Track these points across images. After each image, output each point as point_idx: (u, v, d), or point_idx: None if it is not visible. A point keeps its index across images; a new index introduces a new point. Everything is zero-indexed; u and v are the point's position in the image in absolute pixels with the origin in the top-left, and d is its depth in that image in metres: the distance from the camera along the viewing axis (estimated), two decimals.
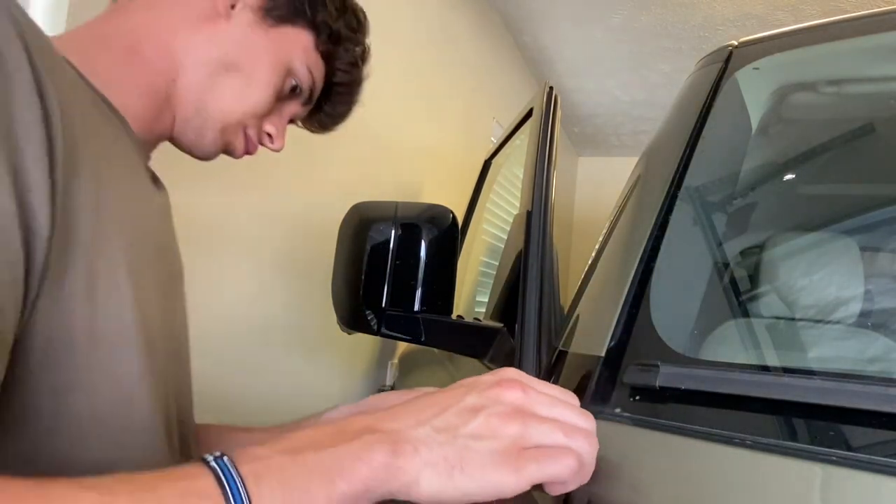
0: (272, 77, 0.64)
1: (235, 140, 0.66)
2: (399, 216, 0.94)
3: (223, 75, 0.62)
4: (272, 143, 0.69)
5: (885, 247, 0.82)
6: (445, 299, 0.93)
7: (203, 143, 0.65)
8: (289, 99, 0.69)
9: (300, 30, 0.66)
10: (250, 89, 0.64)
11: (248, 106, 0.64)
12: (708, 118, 0.75)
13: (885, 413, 0.40)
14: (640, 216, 0.70)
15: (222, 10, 0.61)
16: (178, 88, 0.61)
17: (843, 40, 0.83)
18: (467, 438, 0.41)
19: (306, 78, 0.67)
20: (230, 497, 0.34)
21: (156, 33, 0.59)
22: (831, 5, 2.43)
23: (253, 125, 0.67)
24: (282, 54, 0.65)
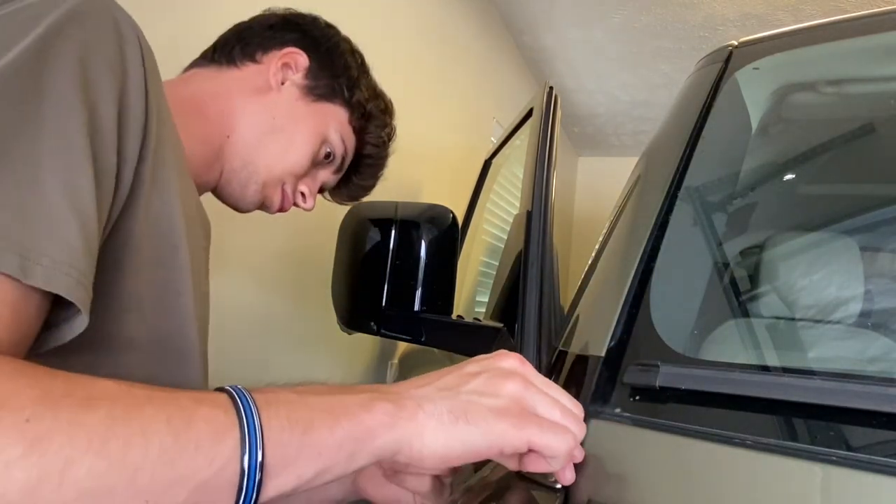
0: (310, 142, 0.75)
1: (274, 195, 0.76)
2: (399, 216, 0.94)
3: (269, 136, 0.73)
4: (304, 203, 0.79)
5: (885, 247, 0.82)
6: (445, 299, 0.93)
7: (246, 195, 0.74)
8: (322, 166, 0.80)
9: (337, 107, 0.78)
10: (291, 150, 0.74)
11: (288, 164, 0.75)
12: (708, 118, 0.75)
13: (885, 413, 0.40)
14: (640, 216, 0.70)
15: (273, 85, 0.74)
16: (231, 144, 0.71)
17: (843, 40, 0.83)
18: (470, 394, 0.43)
19: (339, 146, 0.79)
20: (240, 405, 0.36)
21: (217, 97, 0.71)
22: (831, 5, 2.43)
23: (290, 183, 0.77)
24: (320, 124, 0.76)
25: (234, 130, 0.71)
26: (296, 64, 0.76)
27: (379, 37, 1.82)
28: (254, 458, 0.36)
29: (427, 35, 2.15)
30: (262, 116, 0.72)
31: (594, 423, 0.51)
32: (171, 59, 0.70)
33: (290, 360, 1.56)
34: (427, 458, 0.41)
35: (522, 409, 0.43)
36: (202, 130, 0.68)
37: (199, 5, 1.15)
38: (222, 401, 0.37)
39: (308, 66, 0.76)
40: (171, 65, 0.71)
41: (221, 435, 0.35)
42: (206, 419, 0.35)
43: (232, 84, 0.73)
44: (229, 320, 1.32)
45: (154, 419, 0.34)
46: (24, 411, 0.31)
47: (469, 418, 0.41)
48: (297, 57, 0.76)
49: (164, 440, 0.33)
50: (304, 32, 0.78)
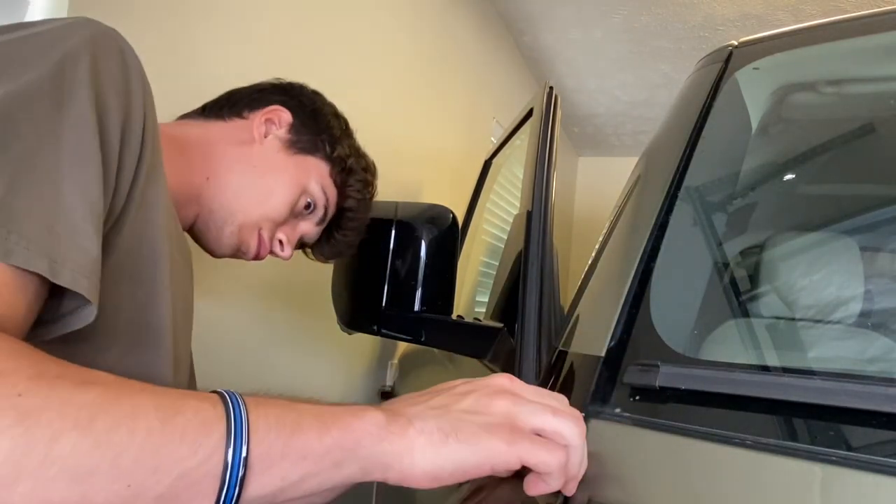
0: (290, 190, 0.78)
1: (250, 240, 0.77)
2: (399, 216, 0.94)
3: (249, 182, 0.75)
4: (282, 251, 0.81)
5: (885, 247, 0.82)
6: (445, 299, 0.93)
7: (221, 237, 0.76)
8: (303, 216, 0.82)
9: (319, 160, 0.81)
10: (270, 197, 0.76)
11: (266, 210, 0.76)
12: (708, 118, 0.75)
13: (885, 413, 0.40)
14: (640, 216, 0.70)
15: (257, 137, 0.77)
16: (209, 186, 0.73)
17: (843, 40, 0.83)
18: (461, 413, 0.43)
19: (320, 197, 0.81)
20: (229, 402, 0.37)
21: (201, 141, 0.74)
22: (831, 5, 2.43)
23: (268, 229, 0.78)
24: (300, 175, 0.79)
25: (214, 174, 0.73)
26: (279, 119, 0.80)
27: (379, 37, 1.82)
28: (238, 452, 0.36)
29: (427, 35, 2.15)
30: (243, 163, 0.75)
31: (594, 423, 0.51)
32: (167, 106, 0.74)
33: (290, 361, 1.56)
34: (417, 475, 0.40)
35: (514, 427, 0.43)
36: (183, 168, 0.70)
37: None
38: (212, 397, 0.38)
39: (291, 122, 0.80)
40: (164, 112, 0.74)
41: (208, 427, 0.36)
42: (195, 410, 0.36)
43: (217, 133, 0.77)
44: (229, 321, 1.32)
45: (143, 405, 0.35)
46: (18, 386, 0.32)
47: (459, 436, 0.41)
48: (281, 113, 0.80)
49: (151, 425, 0.34)
50: (290, 95, 0.83)
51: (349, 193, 0.85)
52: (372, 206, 0.92)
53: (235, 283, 1.34)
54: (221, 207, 0.74)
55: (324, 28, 1.54)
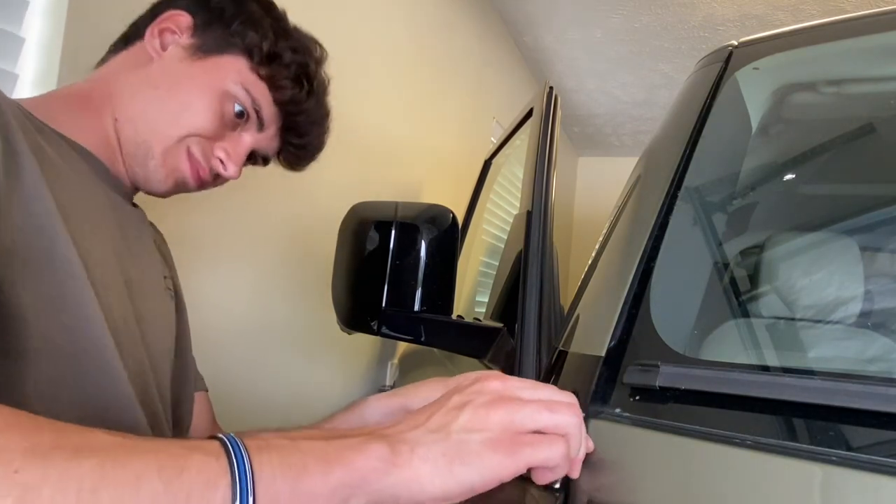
0: (204, 99, 0.67)
1: (180, 163, 0.68)
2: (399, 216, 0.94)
3: (155, 105, 0.66)
4: (224, 169, 0.70)
5: (885, 247, 0.82)
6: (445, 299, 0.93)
7: (149, 173, 0.67)
8: (242, 127, 0.71)
9: (235, 57, 0.69)
10: (185, 112, 0.66)
11: (182, 127, 0.66)
12: (708, 118, 0.75)
13: (885, 413, 0.40)
14: (640, 216, 0.70)
15: (154, 55, 0.68)
16: (120, 126, 0.66)
17: (843, 40, 0.83)
18: (460, 433, 0.43)
19: (245, 98, 0.69)
20: (231, 452, 0.36)
21: (99, 85, 0.67)
22: (831, 5, 2.43)
23: (198, 147, 0.68)
24: (213, 79, 0.68)
25: (118, 111, 0.66)
26: (177, 25, 0.69)
27: (379, 37, 1.82)
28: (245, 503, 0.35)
29: (427, 35, 2.15)
30: (143, 87, 0.66)
31: (594, 423, 0.51)
32: None
33: (289, 361, 1.56)
34: (427, 501, 0.41)
35: (513, 435, 0.43)
36: (93, 123, 0.64)
37: None
38: (214, 448, 0.37)
39: (192, 23, 0.69)
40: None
41: (213, 482, 0.35)
42: (198, 467, 0.35)
43: (114, 67, 0.69)
44: (229, 321, 1.32)
45: (145, 469, 0.34)
46: (13, 463, 0.30)
47: (463, 458, 0.41)
48: (178, 18, 0.69)
49: (155, 488, 0.33)
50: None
51: (281, 84, 0.71)
52: (325, 99, 0.78)
53: (235, 283, 1.34)
54: (138, 145, 0.66)
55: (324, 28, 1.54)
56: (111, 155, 0.66)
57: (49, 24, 0.89)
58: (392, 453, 0.40)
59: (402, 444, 0.41)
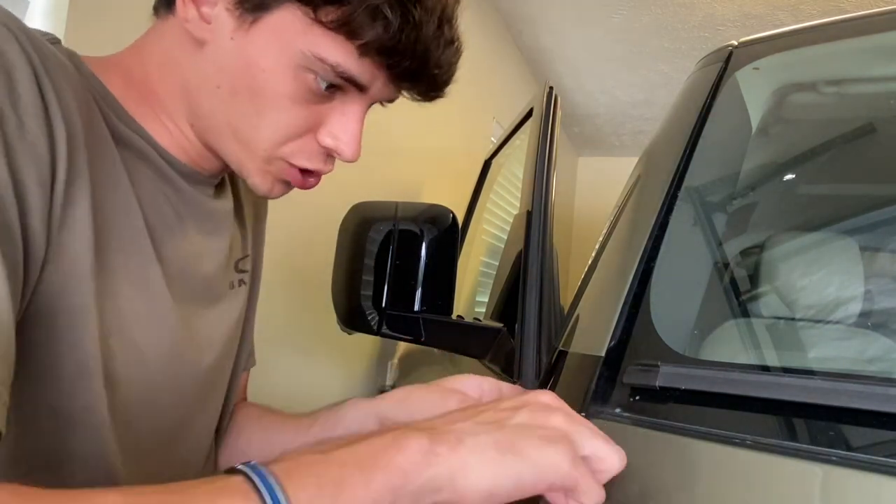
0: (280, 96, 0.50)
1: (283, 173, 0.55)
2: (399, 216, 0.94)
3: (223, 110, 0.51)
4: (341, 155, 0.55)
5: (885, 247, 0.82)
6: (445, 299, 0.93)
7: (250, 183, 0.55)
8: (339, 96, 0.52)
9: (284, 11, 0.48)
10: (263, 123, 0.51)
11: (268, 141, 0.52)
12: (708, 118, 0.75)
13: (885, 413, 0.40)
14: (640, 216, 0.70)
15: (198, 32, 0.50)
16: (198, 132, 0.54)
17: (843, 40, 0.83)
18: (517, 427, 0.40)
19: (321, 67, 0.49)
20: (260, 487, 0.33)
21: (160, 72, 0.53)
22: (831, 5, 2.43)
23: (297, 150, 0.53)
24: (279, 58, 0.49)
25: (191, 115, 0.53)
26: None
27: None
28: None
29: None
30: (205, 86, 0.51)
31: (594, 423, 0.51)
32: None
33: (290, 361, 1.56)
34: (471, 495, 0.37)
35: (573, 445, 0.40)
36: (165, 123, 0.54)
37: None
38: (241, 487, 0.33)
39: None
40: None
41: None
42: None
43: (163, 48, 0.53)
44: None
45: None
46: None
47: (518, 449, 0.38)
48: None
49: None
50: None
51: (358, 27, 0.47)
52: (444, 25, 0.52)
53: None
54: (225, 154, 0.54)
55: None
56: (191, 150, 0.55)
57: (50, 25, 0.89)
58: (434, 442, 0.37)
59: (447, 433, 0.38)
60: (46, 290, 0.42)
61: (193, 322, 0.56)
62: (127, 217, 0.49)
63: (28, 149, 0.38)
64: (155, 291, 0.51)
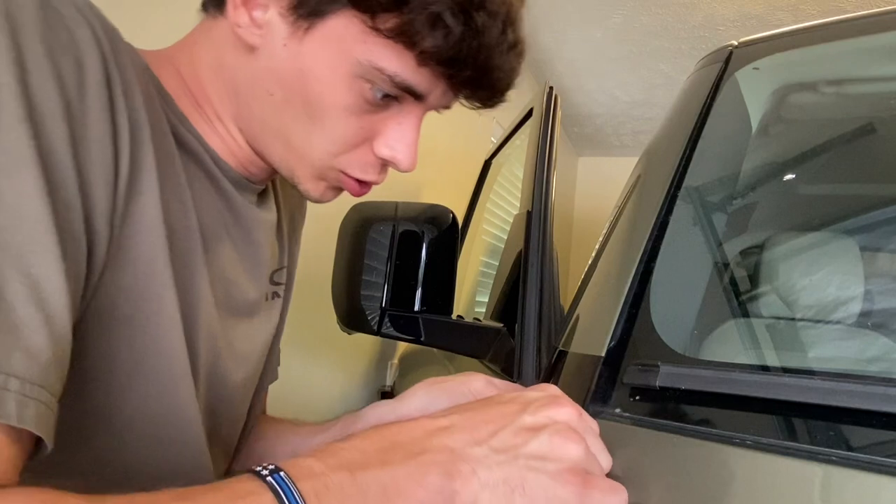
0: (338, 108, 0.49)
1: (337, 182, 0.54)
2: (399, 216, 0.94)
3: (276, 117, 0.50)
4: (397, 166, 0.53)
5: (885, 247, 0.82)
6: (445, 299, 0.93)
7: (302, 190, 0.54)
8: (396, 104, 0.51)
9: (342, 17, 0.47)
10: (318, 133, 0.50)
11: (322, 152, 0.51)
12: (708, 118, 0.75)
13: (885, 413, 0.40)
14: (640, 216, 0.70)
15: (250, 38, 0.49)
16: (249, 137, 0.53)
17: (843, 40, 0.83)
18: (529, 459, 0.40)
19: (378, 77, 0.48)
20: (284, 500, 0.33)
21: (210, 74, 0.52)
22: (831, 5, 2.43)
23: (352, 160, 0.52)
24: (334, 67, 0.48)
25: (241, 120, 0.52)
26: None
27: None
28: None
29: None
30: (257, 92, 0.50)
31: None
32: None
33: (290, 360, 1.56)
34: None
35: (585, 473, 0.40)
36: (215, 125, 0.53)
37: None
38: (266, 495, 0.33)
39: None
40: None
41: None
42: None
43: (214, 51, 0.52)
44: None
45: None
46: None
47: (527, 488, 0.38)
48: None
49: None
50: None
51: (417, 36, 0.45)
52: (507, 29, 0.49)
53: None
54: (276, 162, 0.53)
55: None
56: (240, 155, 0.54)
57: None
58: (450, 477, 0.38)
59: (463, 463, 0.39)
60: (110, 290, 0.41)
61: (230, 335, 0.55)
62: (185, 218, 0.48)
63: (93, 144, 0.38)
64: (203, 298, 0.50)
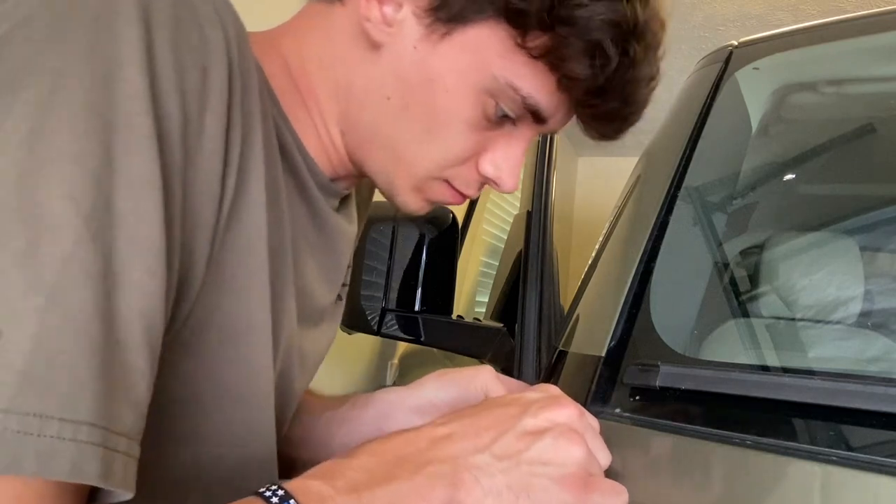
0: (463, 119, 0.46)
1: (437, 194, 0.52)
2: (399, 216, 0.94)
3: (390, 122, 0.47)
4: (498, 187, 0.52)
5: (885, 247, 0.82)
6: (445, 299, 0.93)
7: (397, 201, 0.52)
8: (510, 123, 0.48)
9: (485, 26, 0.43)
10: (436, 142, 0.47)
11: (435, 162, 0.48)
12: (708, 118, 0.75)
13: (885, 413, 0.40)
14: (640, 216, 0.70)
15: (378, 35, 0.45)
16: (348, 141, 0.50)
17: (843, 40, 0.83)
18: (532, 465, 0.40)
19: (511, 98, 0.45)
20: None
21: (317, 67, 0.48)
22: (831, 5, 2.43)
23: (457, 174, 0.50)
24: (468, 77, 0.44)
25: (344, 121, 0.49)
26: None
27: None
28: None
29: None
30: (371, 93, 0.46)
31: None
32: None
33: None
34: None
35: (587, 475, 0.40)
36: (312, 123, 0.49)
37: None
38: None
39: None
40: None
41: None
42: None
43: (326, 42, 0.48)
44: None
45: None
46: None
47: (531, 494, 0.39)
48: None
49: None
50: None
51: (567, 61, 0.42)
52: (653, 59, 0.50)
53: None
54: (374, 171, 0.50)
55: None
56: (334, 158, 0.51)
57: None
58: (455, 488, 0.38)
59: (466, 471, 0.39)
60: (204, 311, 0.39)
61: (302, 343, 0.54)
62: (280, 234, 0.45)
63: (204, 163, 0.35)
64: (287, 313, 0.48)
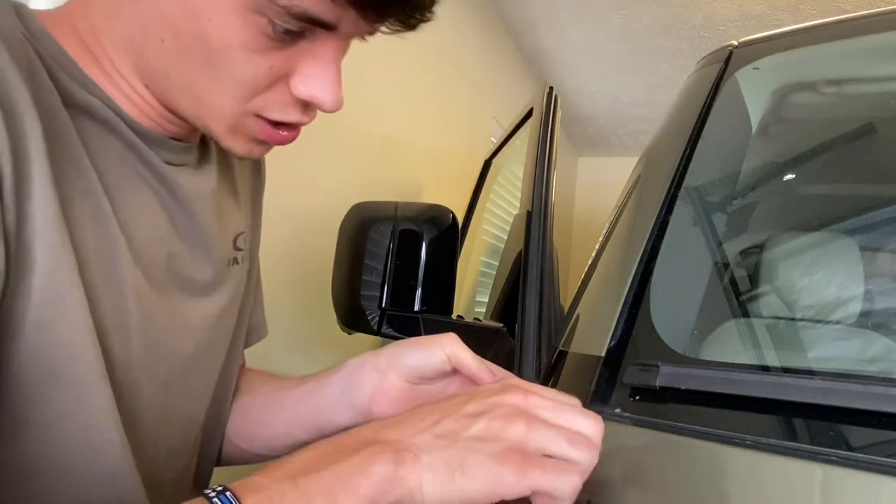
0: (235, 47, 0.42)
1: (256, 132, 0.48)
2: (399, 216, 0.94)
3: (173, 67, 0.44)
4: (321, 106, 0.47)
5: (885, 247, 0.82)
6: (445, 299, 0.93)
7: (223, 145, 0.49)
8: (306, 37, 0.44)
9: None
10: (218, 79, 0.44)
11: (229, 100, 0.45)
12: (708, 118, 0.75)
13: (885, 413, 0.40)
14: (640, 216, 0.70)
15: None
16: (155, 92, 0.47)
17: (843, 40, 0.83)
18: (469, 441, 0.41)
19: (276, 11, 0.41)
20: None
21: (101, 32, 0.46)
22: (831, 5, 2.43)
23: (268, 104, 0.46)
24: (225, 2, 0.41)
25: (143, 74, 0.46)
26: None
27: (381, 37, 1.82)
28: None
29: (429, 36, 2.15)
30: (153, 45, 0.44)
31: None
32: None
33: (290, 360, 1.56)
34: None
35: (526, 452, 0.41)
36: (120, 84, 0.47)
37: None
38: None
39: None
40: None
41: None
42: None
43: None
44: None
45: None
46: None
47: (466, 469, 0.40)
48: None
49: None
50: None
51: None
52: None
53: None
54: (192, 118, 0.47)
55: None
56: (153, 114, 0.48)
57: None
58: (395, 464, 0.39)
59: (407, 451, 0.40)
60: (14, 301, 0.39)
61: (176, 309, 0.53)
62: (94, 205, 0.44)
63: None
64: (125, 283, 0.47)
